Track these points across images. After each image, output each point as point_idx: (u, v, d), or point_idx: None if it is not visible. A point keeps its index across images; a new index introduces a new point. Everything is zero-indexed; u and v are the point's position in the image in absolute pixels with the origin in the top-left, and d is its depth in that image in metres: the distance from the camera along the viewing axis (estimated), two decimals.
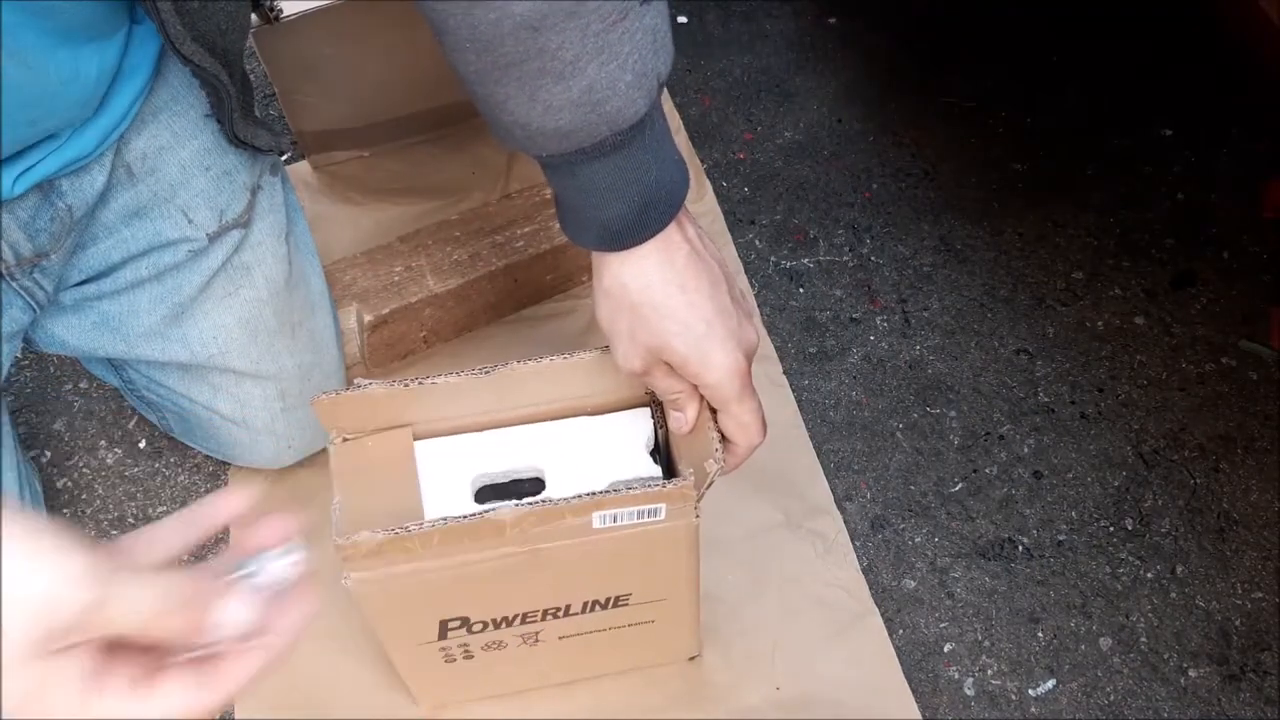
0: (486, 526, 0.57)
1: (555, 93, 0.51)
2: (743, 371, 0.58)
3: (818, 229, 1.07)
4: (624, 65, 0.51)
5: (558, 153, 0.54)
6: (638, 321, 0.58)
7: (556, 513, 0.58)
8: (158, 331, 0.76)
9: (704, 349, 0.57)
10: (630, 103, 0.52)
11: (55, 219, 0.66)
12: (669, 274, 0.57)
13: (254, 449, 0.85)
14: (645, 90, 0.52)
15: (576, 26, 0.49)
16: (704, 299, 0.57)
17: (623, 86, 0.51)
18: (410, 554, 0.58)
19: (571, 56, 0.50)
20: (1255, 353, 0.96)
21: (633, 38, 0.51)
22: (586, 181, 0.54)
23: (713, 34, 1.24)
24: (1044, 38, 1.20)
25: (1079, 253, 1.04)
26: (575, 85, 0.51)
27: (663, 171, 0.56)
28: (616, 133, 0.53)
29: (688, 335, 0.57)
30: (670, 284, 0.57)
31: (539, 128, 0.52)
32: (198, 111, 0.70)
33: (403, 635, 0.66)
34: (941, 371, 0.97)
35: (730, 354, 0.57)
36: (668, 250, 0.57)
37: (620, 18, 0.50)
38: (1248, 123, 1.12)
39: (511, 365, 0.64)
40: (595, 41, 0.50)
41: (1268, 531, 0.86)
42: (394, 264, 0.94)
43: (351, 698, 0.79)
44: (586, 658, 0.75)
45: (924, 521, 0.88)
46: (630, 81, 0.51)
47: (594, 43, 0.50)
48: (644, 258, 0.57)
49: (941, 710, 0.79)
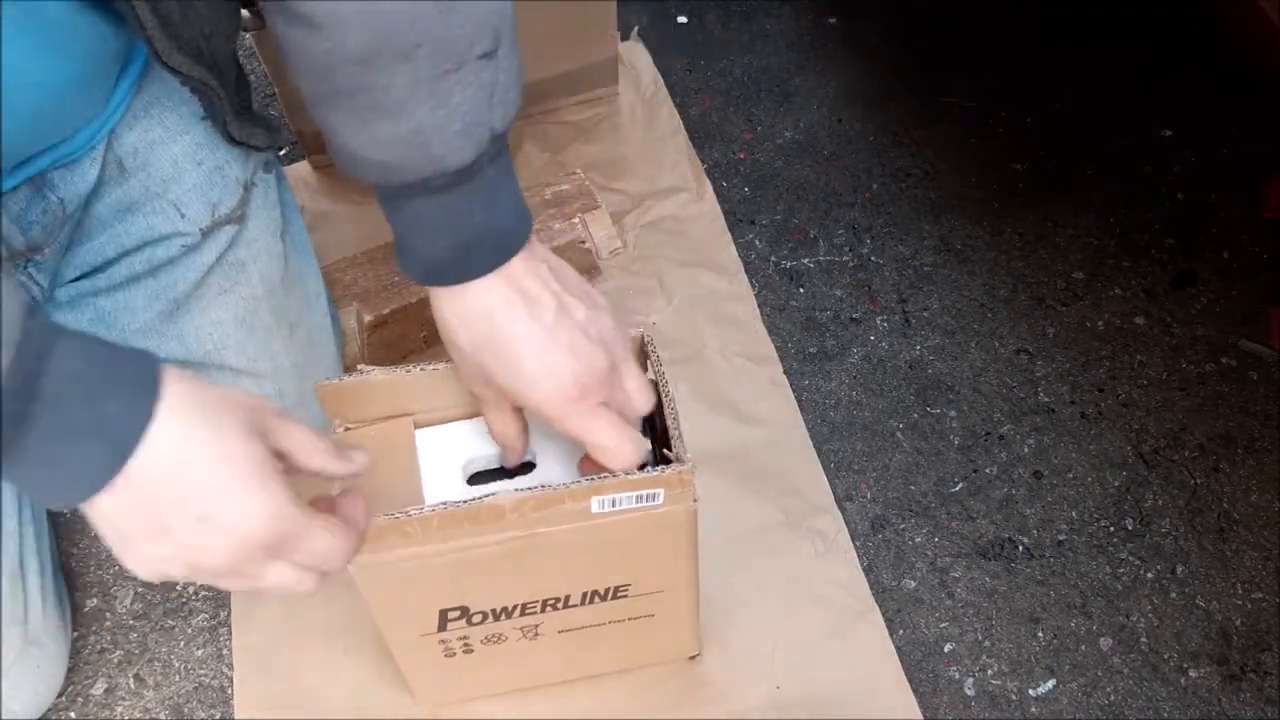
0: (486, 511, 0.57)
1: (383, 128, 0.53)
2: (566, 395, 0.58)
3: (818, 229, 1.07)
4: (452, 114, 0.52)
5: (383, 184, 0.55)
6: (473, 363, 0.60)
7: (555, 497, 0.58)
8: (153, 328, 0.76)
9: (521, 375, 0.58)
10: (456, 150, 0.53)
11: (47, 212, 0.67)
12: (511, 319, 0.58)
13: None
14: (474, 140, 0.54)
15: (407, 70, 0.51)
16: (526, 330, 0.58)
17: (450, 134, 0.53)
18: (410, 538, 0.58)
19: (400, 98, 0.52)
20: (1255, 353, 0.96)
21: (464, 89, 0.52)
22: (411, 217, 0.56)
23: (713, 34, 1.24)
24: (1044, 38, 1.21)
25: (1079, 253, 1.04)
26: (403, 125, 0.52)
27: (492, 218, 0.57)
28: (441, 173, 0.54)
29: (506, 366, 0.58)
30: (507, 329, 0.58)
31: (364, 158, 0.54)
32: (190, 107, 0.70)
33: (403, 625, 0.67)
34: (941, 371, 0.97)
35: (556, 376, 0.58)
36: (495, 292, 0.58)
37: (454, 68, 0.52)
38: (1248, 123, 1.12)
39: None
40: (426, 88, 0.51)
41: (1268, 531, 0.86)
42: (394, 264, 0.94)
43: (351, 697, 0.79)
44: (586, 654, 0.75)
45: (924, 521, 0.88)
46: (459, 130, 0.53)
47: (425, 89, 0.51)
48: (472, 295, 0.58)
49: (941, 710, 0.79)
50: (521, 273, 0.58)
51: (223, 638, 0.84)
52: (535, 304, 0.58)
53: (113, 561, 0.88)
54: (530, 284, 0.58)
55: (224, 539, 0.48)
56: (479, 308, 0.58)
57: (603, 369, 0.59)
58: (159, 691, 0.82)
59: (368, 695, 0.79)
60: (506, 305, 0.57)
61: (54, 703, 0.81)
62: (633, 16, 1.24)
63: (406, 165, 0.54)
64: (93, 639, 0.85)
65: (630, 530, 0.61)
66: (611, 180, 1.09)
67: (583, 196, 1.01)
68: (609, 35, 1.10)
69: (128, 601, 0.87)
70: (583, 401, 0.58)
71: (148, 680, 0.83)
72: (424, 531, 0.58)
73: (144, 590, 0.87)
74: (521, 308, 0.57)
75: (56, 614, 0.81)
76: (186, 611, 0.86)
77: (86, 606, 0.86)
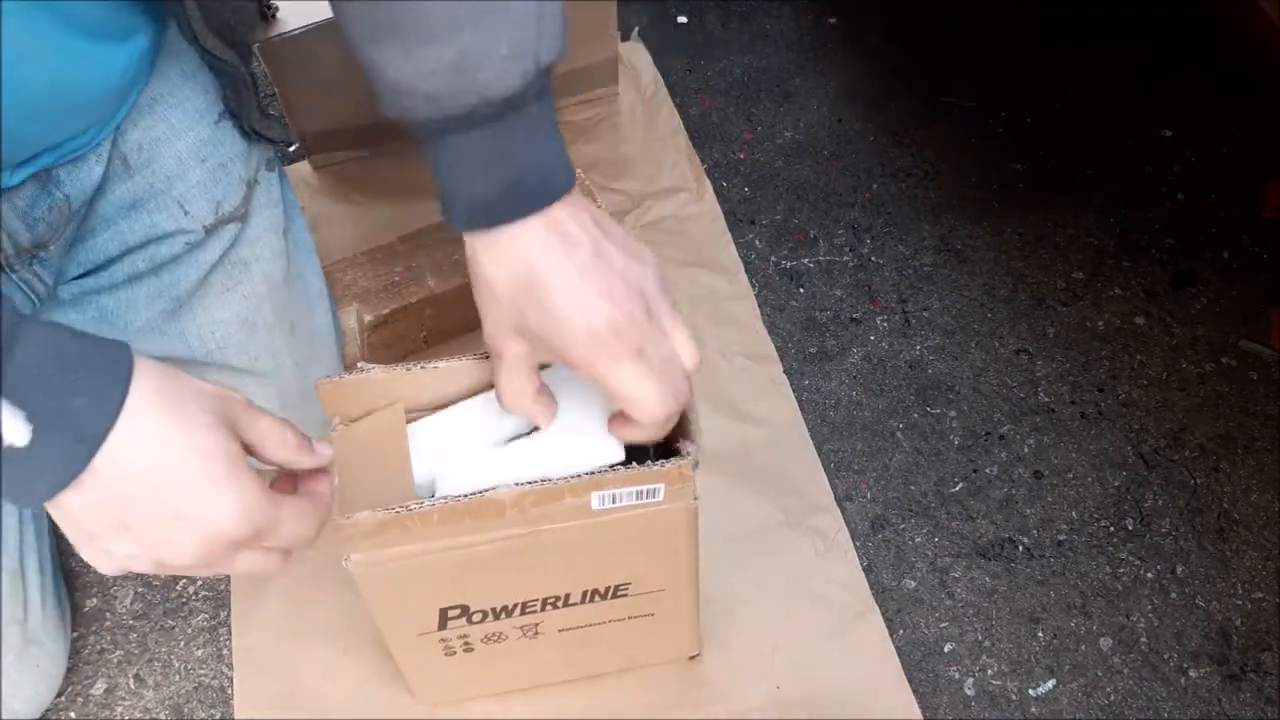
0: (486, 506, 0.57)
1: (428, 55, 0.52)
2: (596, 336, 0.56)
3: (818, 229, 1.07)
4: (499, 39, 0.52)
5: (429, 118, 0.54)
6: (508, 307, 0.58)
7: (555, 492, 0.58)
8: (156, 327, 0.76)
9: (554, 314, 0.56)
10: (502, 76, 0.52)
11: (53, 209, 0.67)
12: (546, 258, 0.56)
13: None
14: (521, 68, 0.53)
15: None
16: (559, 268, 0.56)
17: (497, 59, 0.52)
18: (410, 533, 0.58)
19: (448, 20, 0.51)
20: (1255, 353, 0.96)
21: (510, 15, 0.52)
22: (455, 154, 0.55)
23: (713, 34, 1.24)
24: (1044, 38, 1.21)
25: (1079, 253, 1.04)
26: (449, 50, 0.52)
27: (537, 156, 0.56)
28: (487, 103, 0.53)
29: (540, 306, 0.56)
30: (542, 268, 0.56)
31: (410, 88, 0.53)
32: (194, 104, 0.70)
33: (403, 624, 0.67)
34: (941, 371, 0.97)
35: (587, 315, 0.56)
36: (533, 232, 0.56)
37: None
38: (1248, 123, 1.12)
39: None
40: (471, 10, 0.51)
41: (1268, 531, 0.86)
42: (394, 264, 0.94)
43: (351, 698, 0.79)
44: (586, 654, 0.75)
45: (924, 521, 0.88)
46: (505, 55, 0.52)
47: (472, 11, 0.51)
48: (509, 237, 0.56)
49: (941, 710, 0.79)
50: (563, 217, 0.57)
51: (223, 638, 0.84)
52: (573, 245, 0.56)
53: None
54: (570, 226, 0.57)
55: (196, 537, 0.48)
56: (515, 249, 0.56)
57: (637, 315, 0.56)
58: (159, 691, 0.82)
59: (368, 695, 0.79)
60: (543, 245, 0.56)
61: (54, 703, 0.81)
62: (633, 16, 1.24)
63: (452, 94, 0.53)
64: (93, 639, 0.85)
65: (631, 528, 0.61)
66: (611, 180, 1.09)
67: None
68: (609, 35, 1.10)
69: (128, 601, 0.87)
70: (615, 345, 0.56)
71: (148, 680, 0.83)
72: (424, 526, 0.58)
73: (144, 590, 0.87)
74: (558, 247, 0.56)
75: (56, 613, 0.81)
76: (186, 611, 0.86)
77: (86, 606, 0.86)
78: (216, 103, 0.72)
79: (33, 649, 0.78)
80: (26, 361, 0.42)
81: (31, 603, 0.78)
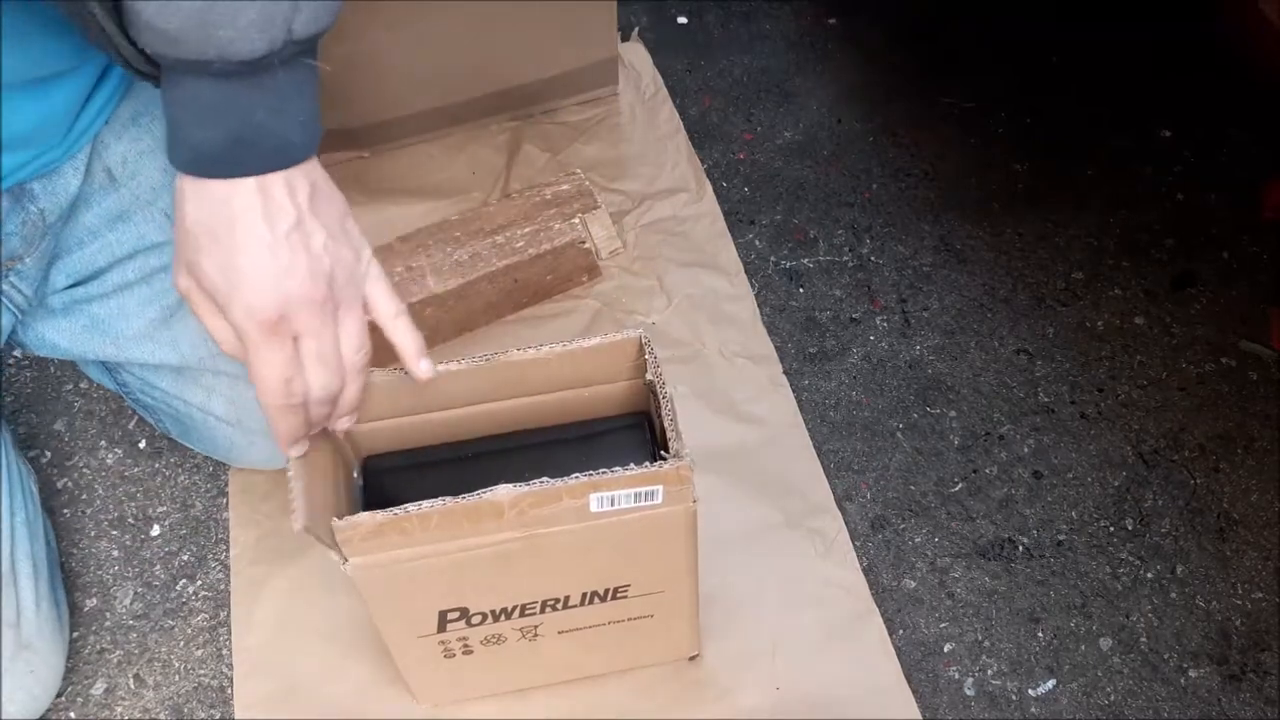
0: (485, 508, 0.57)
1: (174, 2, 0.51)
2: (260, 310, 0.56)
3: (818, 229, 1.07)
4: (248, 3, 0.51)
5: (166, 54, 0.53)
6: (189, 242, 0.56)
7: (554, 494, 0.58)
8: (147, 334, 0.76)
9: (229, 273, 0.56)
10: (245, 39, 0.51)
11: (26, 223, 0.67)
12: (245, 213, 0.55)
13: (250, 450, 0.85)
14: (268, 35, 0.52)
15: None
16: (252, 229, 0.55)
17: (243, 21, 0.51)
18: (409, 536, 0.58)
19: None
20: (1255, 353, 0.96)
21: None
22: (187, 95, 0.54)
23: (713, 34, 1.24)
24: (1044, 38, 1.21)
25: (1079, 253, 1.04)
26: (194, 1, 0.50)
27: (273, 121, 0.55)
28: (224, 60, 0.52)
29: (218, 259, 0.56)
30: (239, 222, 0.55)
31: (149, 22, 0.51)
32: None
33: (402, 626, 0.67)
34: (941, 371, 0.97)
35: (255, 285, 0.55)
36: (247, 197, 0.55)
37: None
38: (1248, 123, 1.12)
39: (511, 353, 0.65)
40: None
41: (1268, 531, 0.86)
42: (394, 264, 0.94)
43: (351, 698, 0.79)
44: (586, 655, 0.75)
45: (924, 521, 0.88)
46: (253, 20, 0.51)
47: None
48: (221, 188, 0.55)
49: (941, 710, 0.79)
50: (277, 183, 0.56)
51: (223, 638, 0.84)
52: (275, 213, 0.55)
53: (113, 561, 0.88)
54: (279, 193, 0.56)
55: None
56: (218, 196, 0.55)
57: (313, 298, 0.56)
58: (159, 692, 0.82)
59: (368, 695, 0.79)
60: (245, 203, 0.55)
61: (53, 703, 0.81)
62: (633, 16, 1.24)
63: (190, 42, 0.51)
64: (92, 639, 0.85)
65: (630, 531, 0.61)
66: (611, 180, 1.09)
67: (583, 196, 1.01)
68: (609, 35, 1.10)
69: (127, 601, 0.87)
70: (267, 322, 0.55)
71: (147, 680, 0.83)
72: (423, 529, 0.58)
73: (143, 590, 0.87)
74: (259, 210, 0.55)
75: (52, 617, 0.81)
76: (186, 611, 0.86)
77: (86, 606, 0.86)
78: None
79: (26, 653, 0.77)
80: None
81: (24, 606, 0.78)
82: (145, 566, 0.88)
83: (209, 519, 0.90)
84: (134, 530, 0.90)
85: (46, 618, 0.80)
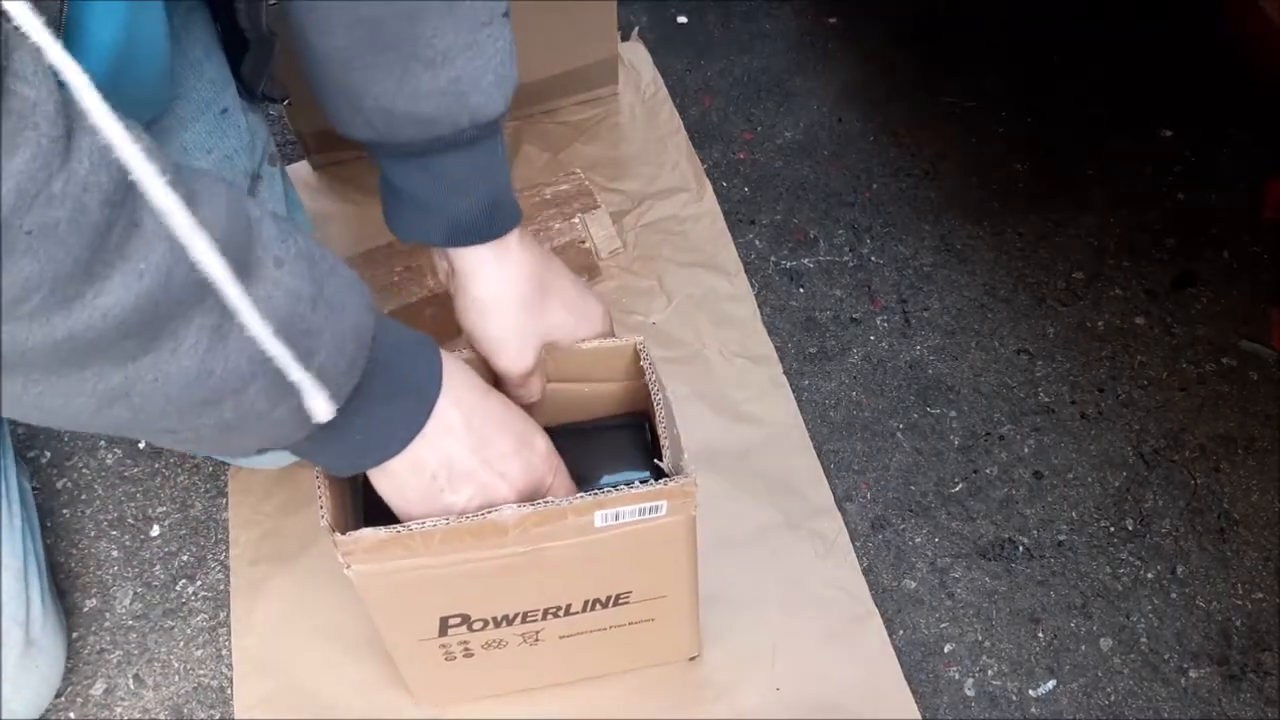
0: (489, 527, 0.57)
1: (424, 79, 0.54)
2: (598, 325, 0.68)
3: (818, 229, 1.07)
4: (488, 65, 0.55)
5: (417, 140, 0.56)
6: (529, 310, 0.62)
7: (559, 513, 0.58)
8: None
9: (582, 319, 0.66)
10: (491, 100, 0.56)
11: None
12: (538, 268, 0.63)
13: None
14: (504, 92, 0.57)
15: (452, 21, 0.53)
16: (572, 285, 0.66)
17: (486, 84, 0.55)
18: (412, 551, 0.58)
19: (444, 46, 0.54)
20: (1255, 353, 0.96)
21: (494, 43, 0.55)
22: (439, 173, 0.58)
23: (713, 34, 1.24)
24: (1044, 38, 1.20)
25: (1079, 253, 1.04)
26: (444, 74, 0.54)
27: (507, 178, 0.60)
28: (476, 125, 0.56)
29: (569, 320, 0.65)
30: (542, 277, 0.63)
31: (403, 113, 0.55)
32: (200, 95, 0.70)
33: (403, 630, 0.66)
34: (942, 371, 0.97)
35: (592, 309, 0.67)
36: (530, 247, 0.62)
37: (488, 22, 0.54)
38: (1248, 123, 1.12)
39: None
40: (467, 37, 0.54)
41: (1268, 531, 0.86)
42: (394, 264, 0.94)
43: (351, 698, 0.79)
44: (587, 657, 0.75)
45: (924, 522, 0.88)
46: (492, 81, 0.56)
47: (466, 38, 0.54)
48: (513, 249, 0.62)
49: (941, 710, 0.79)
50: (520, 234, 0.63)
51: (222, 638, 0.84)
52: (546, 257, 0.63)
53: (112, 561, 0.88)
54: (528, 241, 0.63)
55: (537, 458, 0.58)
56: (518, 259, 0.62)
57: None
58: (158, 692, 0.82)
59: (368, 695, 0.79)
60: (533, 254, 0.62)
61: (53, 703, 0.81)
62: (633, 16, 1.24)
63: (445, 116, 0.55)
64: (92, 639, 0.85)
65: (631, 541, 0.61)
66: (611, 180, 1.09)
67: (582, 196, 1.01)
68: (609, 35, 1.10)
69: (127, 602, 0.87)
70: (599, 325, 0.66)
71: (147, 681, 0.83)
72: (426, 546, 0.58)
73: (143, 590, 0.87)
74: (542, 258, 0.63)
75: (55, 614, 0.81)
76: (186, 612, 0.86)
77: (86, 607, 0.86)
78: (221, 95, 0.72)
79: (33, 650, 0.78)
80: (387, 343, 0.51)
81: (33, 603, 0.78)
82: (145, 567, 0.88)
83: (209, 519, 0.90)
84: (134, 530, 0.90)
85: (50, 616, 0.80)
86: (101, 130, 0.36)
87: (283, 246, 0.45)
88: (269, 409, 0.46)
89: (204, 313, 0.41)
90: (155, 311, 0.39)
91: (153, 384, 0.41)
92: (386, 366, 0.51)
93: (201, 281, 0.40)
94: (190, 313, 0.41)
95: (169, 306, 0.40)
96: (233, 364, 0.43)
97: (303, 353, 0.45)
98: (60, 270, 0.35)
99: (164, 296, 0.39)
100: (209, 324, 0.42)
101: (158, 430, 0.45)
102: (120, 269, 0.37)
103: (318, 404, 0.47)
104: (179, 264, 0.39)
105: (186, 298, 0.40)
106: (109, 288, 0.37)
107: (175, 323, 0.41)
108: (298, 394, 0.46)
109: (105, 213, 0.36)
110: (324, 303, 0.46)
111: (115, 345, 0.39)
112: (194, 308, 0.41)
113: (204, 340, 0.42)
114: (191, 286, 0.40)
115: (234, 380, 0.44)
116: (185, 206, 0.39)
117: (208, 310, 0.41)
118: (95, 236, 0.36)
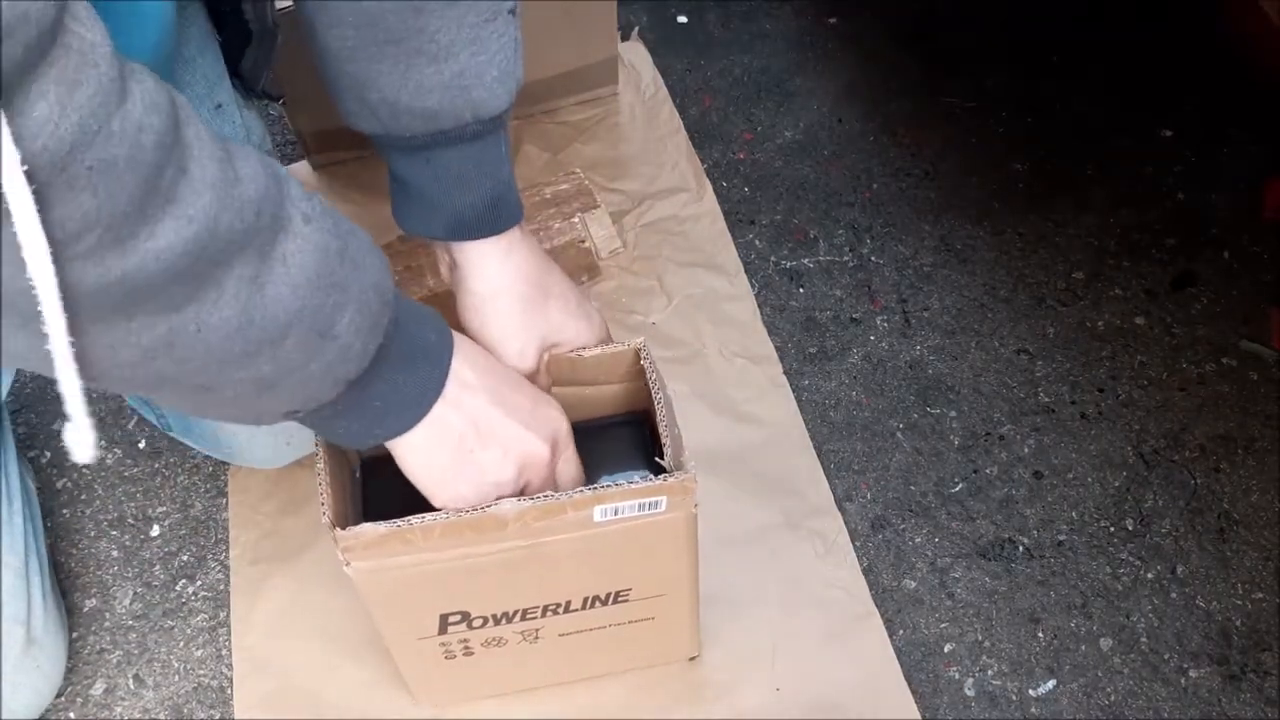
0: (488, 521, 0.57)
1: (428, 73, 0.55)
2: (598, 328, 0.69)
3: (818, 229, 1.07)
4: (491, 60, 0.55)
5: (420, 133, 0.57)
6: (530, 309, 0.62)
7: (558, 507, 0.58)
8: None
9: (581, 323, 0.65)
10: (494, 95, 0.56)
11: None
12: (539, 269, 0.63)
13: (251, 446, 0.85)
14: (507, 88, 0.57)
15: (455, 15, 0.53)
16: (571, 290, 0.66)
17: (489, 79, 0.56)
18: (411, 545, 0.58)
19: (447, 41, 0.54)
20: (1256, 353, 0.96)
21: (500, 39, 0.55)
22: (442, 167, 0.58)
23: (713, 34, 1.24)
24: (1044, 38, 1.20)
25: (1079, 253, 1.04)
26: (447, 69, 0.54)
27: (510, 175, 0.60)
28: (479, 120, 0.56)
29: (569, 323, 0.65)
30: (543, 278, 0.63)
31: (407, 106, 0.56)
32: (194, 90, 0.71)
33: (403, 628, 0.66)
34: (942, 371, 0.97)
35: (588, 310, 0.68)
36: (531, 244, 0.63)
37: (492, 18, 0.55)
38: (1248, 123, 1.12)
39: None
40: (470, 32, 0.54)
41: (1268, 531, 0.86)
42: (394, 264, 0.94)
43: (351, 698, 0.79)
44: (586, 656, 0.75)
45: (924, 522, 0.88)
46: (495, 76, 0.56)
47: (469, 33, 0.54)
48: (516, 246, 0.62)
49: (941, 710, 0.79)
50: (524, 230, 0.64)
51: (222, 638, 0.84)
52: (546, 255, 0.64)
53: (112, 561, 0.88)
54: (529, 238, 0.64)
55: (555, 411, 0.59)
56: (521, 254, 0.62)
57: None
58: (158, 692, 0.82)
59: (368, 695, 0.79)
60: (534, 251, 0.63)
61: (53, 703, 0.81)
62: (633, 16, 1.24)
63: (447, 110, 0.55)
64: (92, 639, 0.85)
65: (631, 537, 0.61)
66: (611, 180, 1.09)
67: (582, 196, 1.01)
68: (609, 35, 1.10)
69: (127, 602, 0.87)
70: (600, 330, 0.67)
71: (147, 680, 0.83)
72: (426, 539, 0.58)
73: (143, 590, 0.87)
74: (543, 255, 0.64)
75: (56, 613, 0.82)
76: (186, 612, 0.86)
77: (86, 606, 0.86)
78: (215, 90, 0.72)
79: (34, 649, 0.78)
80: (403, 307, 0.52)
81: (34, 602, 0.78)
82: (145, 566, 0.88)
83: (209, 519, 0.90)
84: (134, 530, 0.90)
85: (51, 615, 0.80)
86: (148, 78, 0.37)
87: (309, 204, 0.46)
88: (304, 362, 0.47)
89: (243, 262, 0.42)
90: (202, 256, 0.40)
91: (195, 334, 0.42)
92: (404, 329, 0.52)
93: (244, 231, 0.42)
94: (232, 260, 0.42)
95: (214, 253, 0.41)
96: (270, 313, 0.44)
97: (334, 305, 0.47)
98: (116, 208, 0.36)
99: (210, 243, 0.40)
100: (248, 274, 0.43)
101: (195, 386, 0.46)
102: (170, 213, 0.38)
103: (349, 358, 0.49)
104: (224, 211, 0.40)
105: (229, 246, 0.41)
106: (160, 231, 0.38)
107: (219, 270, 0.42)
108: (332, 346, 0.47)
109: (157, 155, 0.37)
110: (349, 259, 0.48)
111: (163, 291, 0.40)
112: (235, 256, 0.42)
113: (244, 290, 0.43)
114: (235, 235, 0.41)
115: (273, 330, 0.44)
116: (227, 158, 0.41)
117: (247, 260, 0.42)
118: (149, 177, 0.37)
